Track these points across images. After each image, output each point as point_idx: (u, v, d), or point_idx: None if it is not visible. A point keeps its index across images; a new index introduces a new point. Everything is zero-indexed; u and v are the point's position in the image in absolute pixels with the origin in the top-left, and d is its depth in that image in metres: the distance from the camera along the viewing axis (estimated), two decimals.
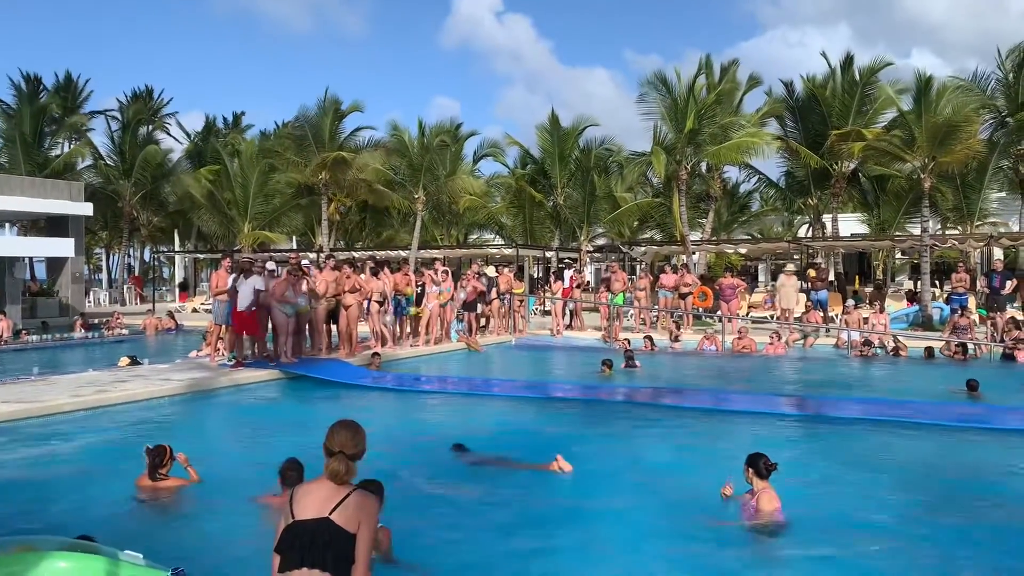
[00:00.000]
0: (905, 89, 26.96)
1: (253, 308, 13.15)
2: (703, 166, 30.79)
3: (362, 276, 15.97)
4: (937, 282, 28.36)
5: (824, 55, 30.58)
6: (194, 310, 30.64)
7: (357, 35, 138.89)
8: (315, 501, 3.28)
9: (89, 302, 32.95)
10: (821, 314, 20.95)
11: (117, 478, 6.89)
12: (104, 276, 47.39)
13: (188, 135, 45.49)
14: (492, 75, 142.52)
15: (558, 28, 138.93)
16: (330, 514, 3.23)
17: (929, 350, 16.53)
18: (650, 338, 18.06)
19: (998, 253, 29.05)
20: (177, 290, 37.08)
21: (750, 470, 6.02)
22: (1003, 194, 31.11)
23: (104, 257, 50.29)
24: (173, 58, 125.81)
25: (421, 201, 31.44)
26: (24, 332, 19.68)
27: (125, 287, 40.31)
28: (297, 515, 3.28)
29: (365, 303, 15.92)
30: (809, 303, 21.02)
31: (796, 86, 30.83)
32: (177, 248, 41.15)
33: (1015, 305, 22.05)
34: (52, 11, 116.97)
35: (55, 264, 27.48)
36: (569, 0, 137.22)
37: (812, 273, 22.53)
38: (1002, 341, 17.10)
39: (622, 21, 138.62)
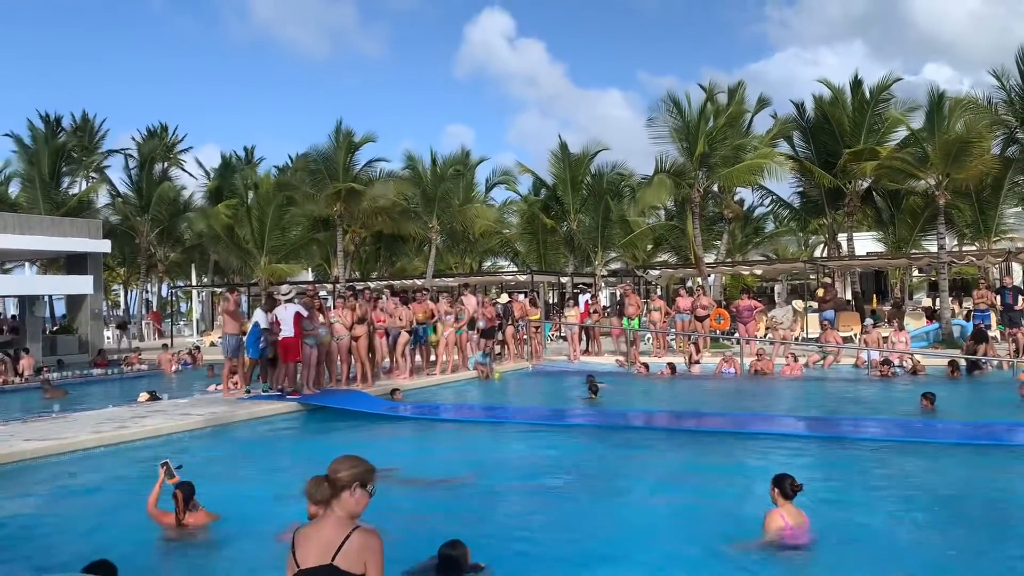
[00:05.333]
0: (915, 107, 26.94)
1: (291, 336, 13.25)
2: (715, 187, 30.78)
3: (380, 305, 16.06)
4: (955, 299, 28.12)
5: (825, 81, 30.55)
6: (212, 344, 30.81)
7: (372, 62, 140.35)
8: (316, 546, 3.18)
9: (109, 338, 33.20)
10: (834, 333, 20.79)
11: (140, 514, 6.89)
12: (122, 312, 47.74)
13: (205, 171, 46.05)
14: (506, 100, 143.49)
15: (572, 51, 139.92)
16: (333, 560, 3.13)
17: (954, 367, 16.34)
18: (671, 364, 17.98)
19: (1017, 268, 28.83)
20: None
21: (776, 490, 6.00)
22: (1019, 209, 30.88)
23: (122, 293, 50.69)
24: (188, 92, 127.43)
25: (435, 230, 31.61)
26: (45, 369, 19.81)
27: (143, 323, 40.59)
28: (301, 562, 3.18)
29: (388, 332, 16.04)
30: (827, 323, 20.92)
31: (807, 106, 30.83)
32: (194, 282, 41.47)
33: None
34: (68, 49, 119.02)
35: (74, 302, 27.71)
36: (582, 23, 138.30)
37: (820, 292, 22.45)
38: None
39: (636, 43, 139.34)
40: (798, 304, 22.85)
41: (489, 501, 7.68)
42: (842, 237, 31.45)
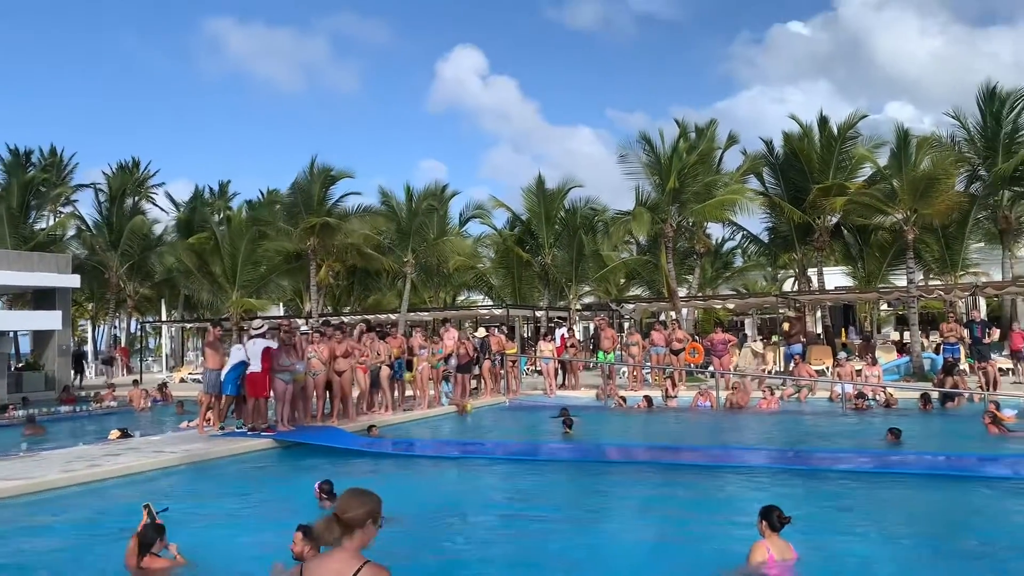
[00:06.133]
0: (880, 144, 27.53)
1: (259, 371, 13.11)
2: (688, 222, 31.10)
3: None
4: (923, 333, 28.51)
5: (794, 117, 31.18)
6: (182, 380, 30.37)
7: (345, 97, 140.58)
8: None
9: (87, 375, 32.78)
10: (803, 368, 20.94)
11: (113, 555, 6.71)
12: (90, 348, 46.90)
13: (176, 205, 45.68)
14: (478, 136, 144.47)
15: (543, 88, 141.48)
16: None
17: (926, 400, 16.53)
18: (648, 397, 18.01)
19: (982, 303, 29.34)
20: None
21: (763, 522, 6.02)
22: (982, 244, 31.55)
23: (90, 329, 49.85)
24: (160, 127, 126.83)
25: (410, 264, 31.58)
26: (11, 407, 19.37)
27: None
28: None
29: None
30: (798, 357, 21.12)
31: (776, 143, 31.37)
32: (164, 318, 40.93)
33: (1003, 354, 22.23)
34: (38, 84, 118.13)
35: (41, 337, 27.21)
36: (554, 61, 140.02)
37: (785, 327, 22.67)
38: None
39: (606, 81, 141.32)
40: (756, 346, 23.18)
41: (466, 538, 7.63)
42: (812, 272, 31.86)
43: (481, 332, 20.62)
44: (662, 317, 31.18)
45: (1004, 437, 12.53)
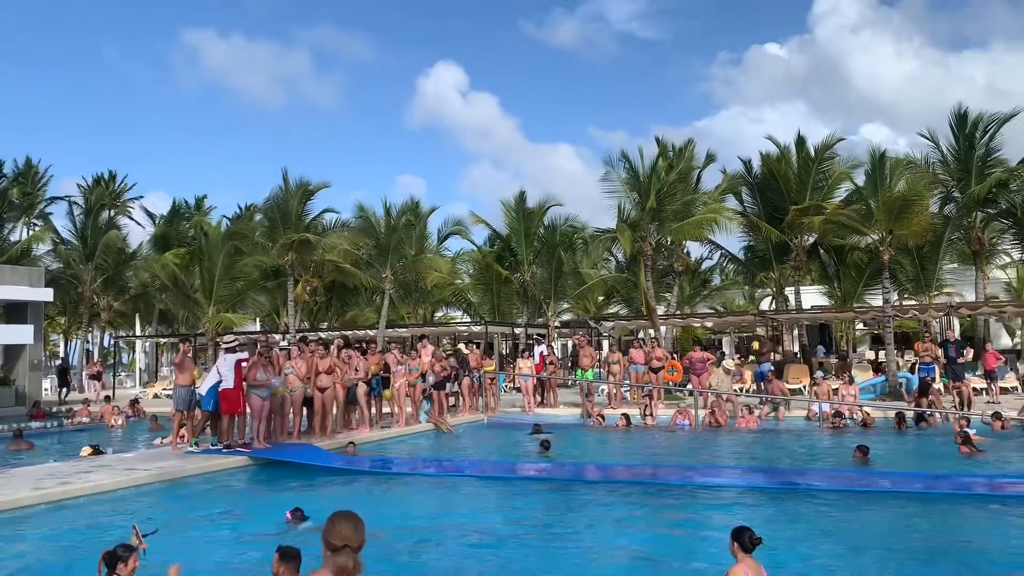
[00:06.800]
0: (857, 165, 27.86)
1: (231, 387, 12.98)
2: (667, 240, 31.28)
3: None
4: (898, 352, 28.78)
5: (771, 138, 31.51)
6: (155, 396, 30.00)
7: (325, 112, 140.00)
8: None
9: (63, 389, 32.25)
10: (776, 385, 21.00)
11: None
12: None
13: (151, 217, 45.28)
14: (458, 152, 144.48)
15: (524, 106, 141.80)
16: None
17: (901, 419, 16.66)
18: (626, 415, 18.00)
19: (956, 323, 29.68)
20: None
21: (735, 544, 6.00)
22: (955, 265, 31.99)
23: (62, 343, 49.13)
24: (137, 138, 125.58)
25: (389, 280, 31.47)
26: None
27: (84, 374, 39.25)
28: None
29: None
30: (771, 374, 21.18)
31: (754, 163, 31.63)
32: (138, 332, 40.44)
33: (977, 373, 22.48)
34: (12, 94, 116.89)
35: (12, 351, 26.77)
36: (535, 79, 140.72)
37: (755, 345, 22.77)
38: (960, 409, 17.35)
39: (586, 99, 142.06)
40: (728, 363, 23.29)
41: (444, 556, 7.59)
42: (789, 291, 32.08)
43: (462, 348, 20.53)
44: (640, 335, 31.29)
45: (974, 457, 12.65)
